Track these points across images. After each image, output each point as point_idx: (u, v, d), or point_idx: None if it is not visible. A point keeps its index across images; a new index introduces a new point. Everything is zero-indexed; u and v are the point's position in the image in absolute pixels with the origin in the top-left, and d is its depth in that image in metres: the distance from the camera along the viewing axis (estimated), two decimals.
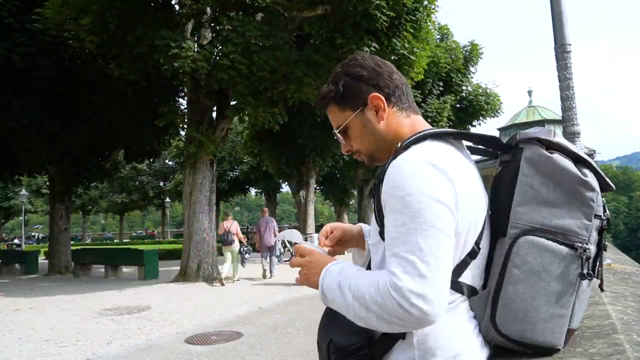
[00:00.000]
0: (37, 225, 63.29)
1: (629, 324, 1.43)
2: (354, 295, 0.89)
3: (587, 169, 0.96)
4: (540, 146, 0.97)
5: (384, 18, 9.44)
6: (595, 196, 0.94)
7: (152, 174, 36.85)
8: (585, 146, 4.29)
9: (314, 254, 1.06)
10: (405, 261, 0.84)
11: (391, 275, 0.84)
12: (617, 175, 74.69)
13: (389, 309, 0.83)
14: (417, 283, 0.82)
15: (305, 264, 1.05)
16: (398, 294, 0.82)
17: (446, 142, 0.99)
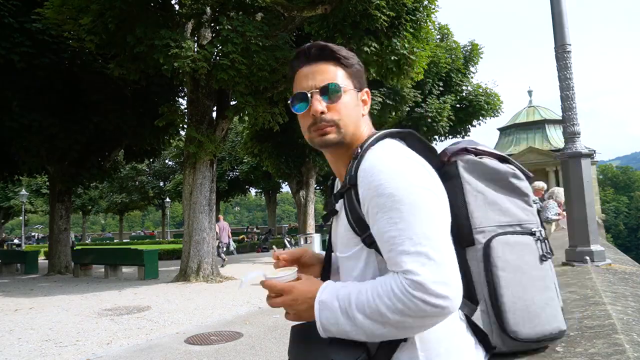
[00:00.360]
0: (37, 225, 63.29)
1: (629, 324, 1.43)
2: (366, 315, 0.83)
3: (511, 164, 1.08)
4: (469, 154, 1.06)
5: (384, 18, 9.44)
6: (526, 184, 1.06)
7: (152, 174, 36.85)
8: (585, 146, 4.28)
9: (294, 290, 0.93)
10: (417, 254, 0.81)
11: (405, 275, 0.81)
12: (617, 175, 74.71)
13: (414, 311, 0.80)
14: (436, 272, 0.80)
15: (290, 304, 0.93)
16: (421, 291, 0.79)
17: (400, 141, 1.01)
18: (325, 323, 0.88)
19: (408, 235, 0.83)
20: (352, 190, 0.93)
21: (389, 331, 0.84)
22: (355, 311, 0.84)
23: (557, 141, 30.64)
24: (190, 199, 10.90)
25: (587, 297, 2.26)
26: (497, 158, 1.08)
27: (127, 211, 41.95)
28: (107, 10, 8.74)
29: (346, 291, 0.88)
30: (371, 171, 0.89)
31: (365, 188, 0.89)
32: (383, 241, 0.87)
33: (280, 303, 0.93)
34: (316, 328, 0.90)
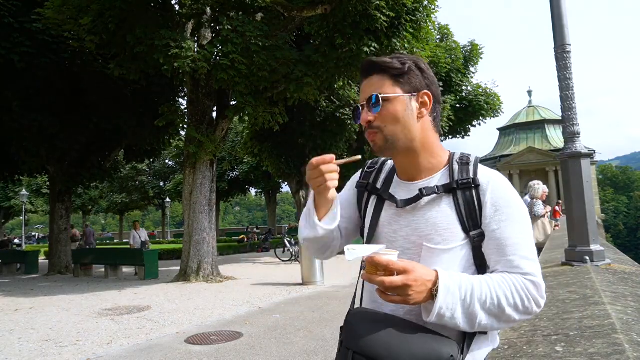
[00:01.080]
0: (37, 225, 63.27)
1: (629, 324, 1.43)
2: (485, 308, 0.94)
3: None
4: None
5: (384, 18, 9.44)
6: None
7: (152, 174, 36.84)
8: (585, 146, 4.29)
9: (416, 270, 0.92)
10: (535, 262, 0.99)
11: (526, 277, 0.97)
12: (616, 175, 74.70)
13: (526, 308, 0.96)
14: (542, 278, 0.99)
15: (411, 284, 0.90)
16: (537, 292, 0.97)
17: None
18: (443, 309, 0.91)
19: (527, 245, 1.00)
20: (473, 190, 1.04)
21: (497, 325, 0.96)
22: (476, 302, 0.93)
23: (556, 141, 30.64)
24: (190, 199, 10.90)
25: (586, 297, 2.26)
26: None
27: (127, 211, 41.91)
28: (107, 10, 8.75)
29: (468, 282, 0.94)
30: (502, 183, 1.05)
31: (497, 196, 1.03)
32: (506, 245, 1.00)
33: (401, 282, 0.90)
34: (394, 317, 0.99)
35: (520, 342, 1.65)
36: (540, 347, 1.50)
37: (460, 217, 1.03)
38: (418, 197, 1.07)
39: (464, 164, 1.08)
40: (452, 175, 1.07)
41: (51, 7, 9.37)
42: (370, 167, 1.25)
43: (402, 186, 1.14)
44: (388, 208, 1.13)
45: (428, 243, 1.04)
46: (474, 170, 1.06)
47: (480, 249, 1.03)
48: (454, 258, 1.03)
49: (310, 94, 10.44)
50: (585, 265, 3.73)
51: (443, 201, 1.06)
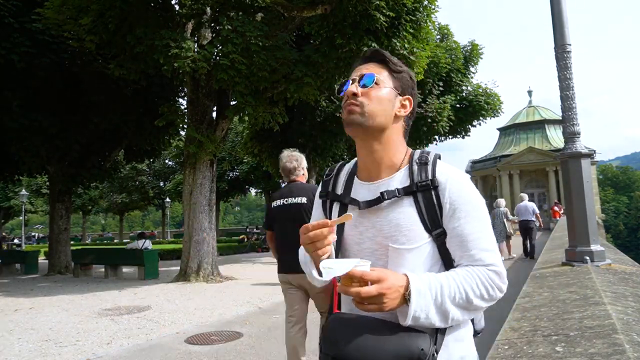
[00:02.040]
0: (37, 225, 63.27)
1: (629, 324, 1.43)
2: (455, 302, 1.00)
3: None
4: None
5: (384, 18, 9.44)
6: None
7: (152, 174, 36.84)
8: (585, 146, 4.29)
9: (388, 277, 0.96)
10: (495, 252, 1.07)
11: (488, 267, 1.05)
12: (617, 175, 74.71)
13: (492, 296, 1.04)
14: (503, 266, 1.07)
15: (385, 292, 0.94)
16: (500, 280, 1.05)
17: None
18: (417, 311, 0.96)
19: (487, 238, 1.07)
20: (432, 191, 1.08)
21: (467, 315, 1.03)
22: (446, 299, 0.99)
23: (557, 141, 30.63)
24: (190, 199, 10.90)
25: (587, 297, 2.26)
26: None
27: (127, 211, 41.95)
28: (107, 10, 8.74)
29: (436, 281, 1.00)
30: (459, 181, 1.10)
31: (455, 194, 1.07)
32: (467, 240, 1.06)
33: (376, 291, 0.93)
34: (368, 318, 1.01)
35: (521, 342, 1.65)
36: (540, 347, 1.50)
37: (422, 217, 1.07)
38: (379, 199, 1.09)
39: (422, 164, 1.12)
40: (412, 176, 1.10)
41: (51, 7, 9.36)
42: (327, 175, 1.28)
43: (363, 187, 1.16)
44: (351, 211, 1.14)
45: (393, 244, 1.07)
46: (432, 171, 1.10)
47: (444, 246, 1.08)
48: (419, 256, 1.07)
49: (310, 94, 10.43)
50: (586, 266, 3.73)
51: (404, 202, 1.09)
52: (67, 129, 12.70)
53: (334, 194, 1.21)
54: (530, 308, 2.28)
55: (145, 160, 19.09)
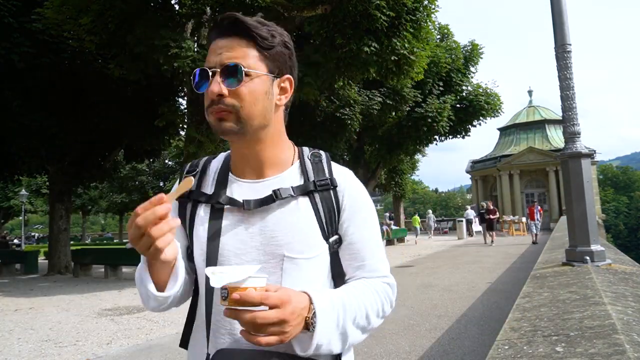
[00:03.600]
0: (37, 225, 63.29)
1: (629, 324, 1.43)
2: (355, 323, 0.86)
3: None
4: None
5: (384, 18, 9.44)
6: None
7: (152, 174, 36.86)
8: (585, 146, 4.29)
9: (291, 300, 0.75)
10: (387, 262, 0.98)
11: (383, 280, 0.96)
12: (617, 175, 74.73)
13: (387, 312, 0.94)
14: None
15: (289, 318, 0.74)
16: (393, 294, 0.97)
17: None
18: (321, 339, 0.78)
19: (381, 247, 0.98)
20: (331, 191, 0.94)
21: (361, 338, 0.89)
22: (348, 321, 0.84)
23: (557, 141, 30.63)
24: None
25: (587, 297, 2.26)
26: None
27: (127, 211, 41.92)
28: (107, 10, 8.74)
29: (338, 299, 0.84)
30: (357, 184, 0.98)
31: (354, 197, 0.96)
32: (364, 248, 0.95)
33: (277, 318, 0.72)
34: (254, 351, 0.80)
35: (521, 342, 1.65)
36: (540, 347, 1.50)
37: (320, 221, 0.91)
38: (271, 198, 0.90)
39: (317, 162, 0.98)
40: (306, 174, 0.95)
41: (51, 7, 9.36)
42: (190, 171, 1.01)
43: (244, 186, 0.95)
44: (229, 215, 0.92)
45: (289, 252, 0.88)
46: (329, 170, 0.97)
47: (336, 255, 0.95)
48: (317, 268, 0.91)
49: (310, 94, 10.43)
50: (586, 266, 3.73)
51: (300, 203, 0.92)
52: (67, 129, 12.71)
53: (200, 192, 0.96)
54: (530, 308, 2.28)
55: (145, 160, 19.09)
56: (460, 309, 6.43)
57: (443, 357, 4.32)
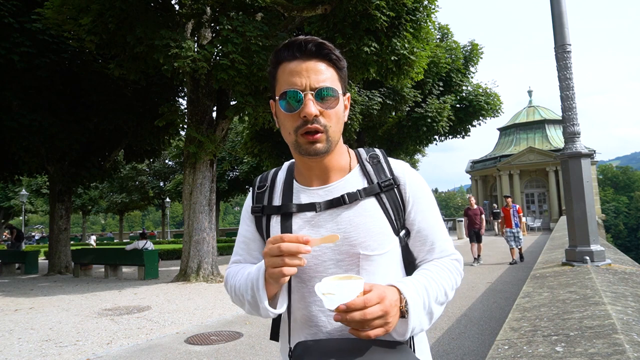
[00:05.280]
0: (37, 225, 63.28)
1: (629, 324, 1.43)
2: (438, 301, 0.96)
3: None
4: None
5: (384, 18, 9.44)
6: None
7: (152, 174, 36.84)
8: (585, 146, 4.29)
9: (387, 294, 0.85)
10: (450, 240, 1.07)
11: (452, 257, 1.05)
12: (617, 175, 74.71)
13: (459, 283, 1.04)
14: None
15: (388, 310, 0.83)
16: (462, 266, 1.07)
17: None
18: (414, 322, 0.88)
19: (444, 227, 1.07)
20: (395, 189, 1.02)
21: (443, 311, 1.00)
22: (432, 302, 0.94)
23: (557, 141, 30.63)
24: (190, 199, 10.89)
25: (587, 297, 2.26)
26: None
27: (127, 211, 41.93)
28: (107, 10, 8.74)
29: (420, 285, 0.93)
30: (414, 173, 1.05)
31: (414, 188, 1.03)
32: (431, 233, 1.04)
33: (381, 311, 0.82)
34: (340, 340, 0.92)
35: (521, 342, 1.65)
36: (540, 347, 1.50)
37: (389, 219, 1.00)
38: (340, 200, 0.99)
39: (376, 163, 1.06)
40: (369, 176, 1.03)
41: (51, 7, 9.36)
42: (260, 186, 1.11)
43: (310, 193, 1.03)
44: (298, 220, 1.01)
45: (364, 250, 0.97)
46: (389, 168, 1.05)
47: (407, 246, 1.05)
48: (390, 261, 1.00)
49: None
50: (586, 265, 3.73)
51: (368, 204, 1.00)
52: (67, 129, 12.70)
53: (271, 207, 1.05)
54: (530, 308, 2.28)
55: (145, 160, 19.09)
56: (460, 309, 6.43)
57: (443, 357, 4.32)
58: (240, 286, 1.00)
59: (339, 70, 0.98)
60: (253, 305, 0.96)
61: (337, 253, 0.97)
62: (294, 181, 1.07)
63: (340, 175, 1.03)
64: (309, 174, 1.04)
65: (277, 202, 1.05)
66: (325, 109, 0.93)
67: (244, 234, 1.12)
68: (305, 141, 0.94)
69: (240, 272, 1.05)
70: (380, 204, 1.00)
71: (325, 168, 1.02)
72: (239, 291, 1.01)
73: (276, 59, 0.98)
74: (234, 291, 1.04)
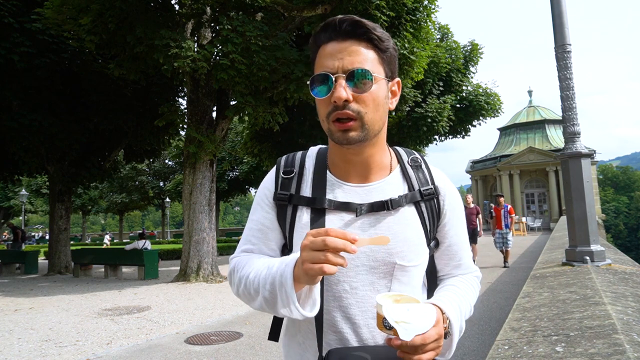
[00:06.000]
0: (37, 225, 63.27)
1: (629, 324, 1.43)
2: (466, 317, 0.98)
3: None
4: None
5: (384, 18, 9.44)
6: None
7: (152, 174, 36.84)
8: (585, 146, 4.29)
9: (440, 317, 0.83)
10: (471, 256, 1.08)
11: (474, 273, 1.07)
12: (617, 175, 74.71)
13: (478, 294, 1.05)
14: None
15: (441, 333, 0.81)
16: (479, 280, 1.08)
17: None
18: (456, 341, 0.89)
19: (468, 244, 1.07)
20: (434, 200, 0.98)
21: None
22: (463, 319, 0.95)
23: (557, 141, 30.63)
24: (190, 199, 10.89)
25: (587, 297, 2.26)
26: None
27: (127, 211, 41.93)
28: (107, 10, 8.74)
29: (455, 303, 0.93)
30: (453, 187, 1.02)
31: (452, 201, 1.00)
32: (460, 249, 1.03)
33: (437, 335, 0.79)
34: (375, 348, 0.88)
35: (521, 342, 1.65)
36: (540, 347, 1.50)
37: (425, 229, 0.95)
38: (383, 206, 0.91)
39: (417, 167, 0.99)
40: (409, 181, 0.97)
41: (51, 7, 9.36)
42: (288, 171, 0.98)
43: (348, 189, 0.94)
44: (333, 219, 0.92)
45: (401, 261, 0.91)
46: (431, 177, 0.99)
47: (432, 257, 1.01)
48: (421, 273, 0.98)
49: (310, 93, 10.43)
50: (586, 266, 3.73)
51: (407, 212, 0.94)
52: (67, 129, 12.70)
53: (302, 197, 0.94)
54: (530, 308, 2.28)
55: (145, 160, 19.09)
56: None
57: None
58: (255, 278, 0.88)
59: (382, 52, 0.88)
60: (270, 302, 0.85)
61: (372, 260, 0.90)
62: (327, 172, 0.96)
63: (381, 175, 0.95)
64: (347, 167, 0.94)
65: (307, 192, 0.94)
66: (360, 93, 0.84)
67: (262, 220, 0.98)
68: (336, 129, 0.86)
69: (254, 262, 0.93)
70: (419, 212, 0.94)
71: (367, 164, 0.94)
72: (253, 284, 0.88)
73: (315, 42, 0.90)
74: (243, 283, 0.91)
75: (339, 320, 0.91)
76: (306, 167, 0.98)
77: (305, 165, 0.99)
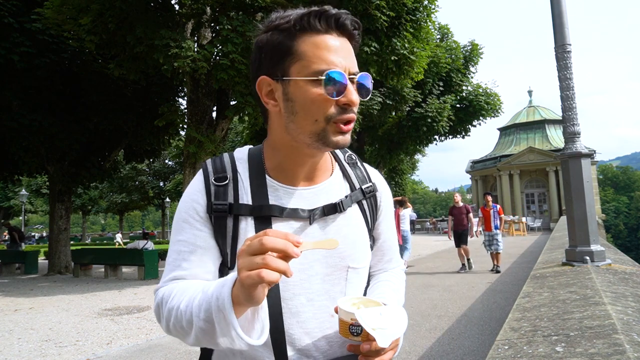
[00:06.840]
0: (37, 225, 63.29)
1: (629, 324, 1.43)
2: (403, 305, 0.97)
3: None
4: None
5: (384, 18, 9.44)
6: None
7: (152, 174, 36.87)
8: (585, 146, 4.29)
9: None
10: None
11: (402, 265, 1.06)
12: (617, 175, 74.76)
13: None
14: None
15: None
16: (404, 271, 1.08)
17: None
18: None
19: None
20: (376, 191, 0.96)
21: None
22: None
23: (557, 141, 30.64)
24: None
25: (587, 297, 2.26)
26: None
27: (127, 211, 41.96)
28: (107, 10, 8.74)
29: (396, 299, 0.94)
30: (385, 183, 1.01)
31: (386, 197, 0.99)
32: (391, 245, 1.02)
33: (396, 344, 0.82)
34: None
35: (521, 342, 1.65)
36: (540, 347, 1.50)
37: (368, 228, 0.93)
38: (334, 209, 0.86)
39: (354, 165, 0.96)
40: (350, 180, 0.93)
41: (51, 7, 9.36)
42: (220, 178, 0.86)
43: (293, 193, 0.86)
44: (284, 226, 0.84)
45: (353, 263, 0.87)
46: (367, 174, 0.96)
47: None
48: (367, 273, 0.95)
49: None
50: (586, 266, 3.73)
51: (352, 212, 0.90)
52: (67, 129, 12.71)
53: (244, 206, 0.83)
54: (530, 308, 2.28)
55: (145, 160, 19.09)
56: (460, 309, 6.43)
57: (443, 357, 4.32)
58: (187, 308, 0.73)
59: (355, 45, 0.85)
60: (207, 332, 0.70)
61: (325, 266, 0.84)
62: (266, 176, 0.87)
63: (325, 176, 0.90)
64: (295, 170, 0.87)
65: (247, 200, 0.84)
66: (362, 98, 0.82)
67: (193, 240, 0.83)
68: (336, 130, 0.79)
69: (187, 289, 0.78)
70: (362, 211, 0.91)
71: (316, 165, 0.88)
72: (185, 314, 0.73)
73: (300, 25, 0.78)
74: (174, 316, 0.75)
75: (297, 337, 0.82)
76: (239, 171, 0.88)
77: (238, 169, 0.88)
